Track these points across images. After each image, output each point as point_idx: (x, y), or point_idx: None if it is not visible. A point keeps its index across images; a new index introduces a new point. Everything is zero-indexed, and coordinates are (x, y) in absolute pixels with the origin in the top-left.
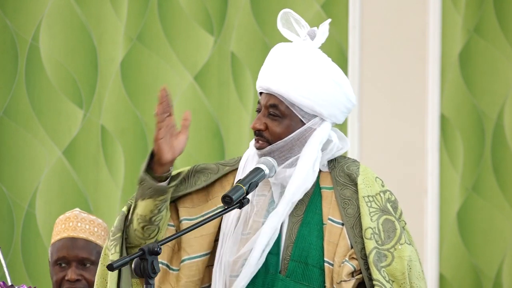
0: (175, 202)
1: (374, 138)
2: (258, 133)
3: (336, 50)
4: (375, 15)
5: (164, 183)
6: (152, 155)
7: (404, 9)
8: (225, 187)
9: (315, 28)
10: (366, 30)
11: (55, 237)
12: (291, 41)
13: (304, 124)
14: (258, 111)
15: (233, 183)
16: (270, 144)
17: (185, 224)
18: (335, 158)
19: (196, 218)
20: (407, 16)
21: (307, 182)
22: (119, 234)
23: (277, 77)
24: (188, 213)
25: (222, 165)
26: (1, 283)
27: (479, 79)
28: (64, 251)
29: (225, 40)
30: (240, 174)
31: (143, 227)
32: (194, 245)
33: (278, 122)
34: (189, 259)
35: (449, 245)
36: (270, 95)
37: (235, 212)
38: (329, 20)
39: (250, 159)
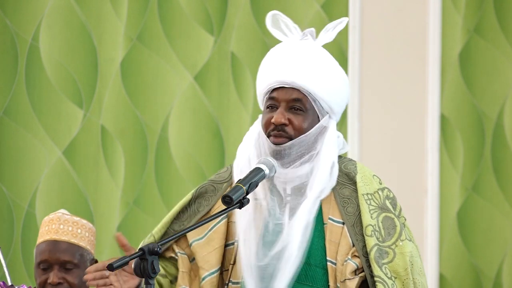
0: None
1: (374, 138)
2: (280, 128)
3: (336, 50)
4: (375, 15)
5: None
6: None
7: (404, 9)
8: None
9: (313, 29)
10: (366, 30)
11: (39, 239)
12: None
13: (319, 120)
14: (273, 107)
15: None
16: (291, 140)
17: (196, 246)
18: None
19: (206, 235)
20: (407, 16)
21: (331, 178)
22: None
23: (302, 72)
24: (197, 234)
25: (218, 183)
26: (1, 283)
27: (479, 79)
28: (46, 254)
29: (225, 40)
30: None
31: None
32: (210, 260)
33: (302, 117)
34: (209, 275)
35: (449, 245)
36: (293, 89)
37: (247, 218)
38: (346, 19)
39: (246, 163)
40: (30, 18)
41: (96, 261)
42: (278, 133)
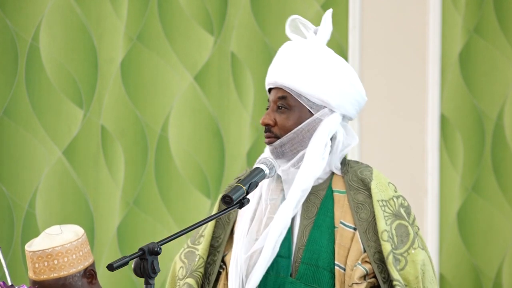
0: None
1: (374, 138)
2: (267, 129)
3: (336, 50)
4: (375, 15)
5: None
6: None
7: (404, 9)
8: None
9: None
10: (366, 30)
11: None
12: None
13: (313, 115)
14: (268, 108)
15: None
16: (279, 139)
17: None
18: (347, 163)
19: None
20: (407, 16)
21: (316, 169)
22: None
23: (283, 70)
24: (230, 246)
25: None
26: (1, 283)
27: (479, 79)
28: None
29: (225, 40)
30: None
31: None
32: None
33: (287, 115)
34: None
35: (449, 245)
36: (278, 89)
37: (248, 213)
38: (330, 10)
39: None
40: (30, 18)
41: (93, 270)
42: (266, 134)
